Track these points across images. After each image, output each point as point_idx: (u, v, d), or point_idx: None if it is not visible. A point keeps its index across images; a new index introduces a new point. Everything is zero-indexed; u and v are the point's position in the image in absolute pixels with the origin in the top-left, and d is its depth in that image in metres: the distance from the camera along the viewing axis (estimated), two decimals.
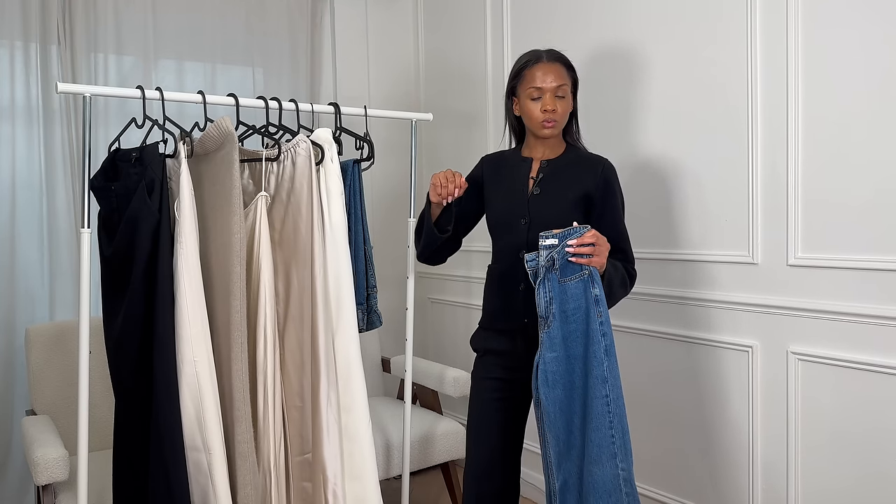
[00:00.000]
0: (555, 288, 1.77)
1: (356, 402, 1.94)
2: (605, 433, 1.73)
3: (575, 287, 1.75)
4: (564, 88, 1.90)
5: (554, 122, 1.90)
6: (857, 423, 1.97)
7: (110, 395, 1.88)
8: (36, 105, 2.77)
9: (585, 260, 1.74)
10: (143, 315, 1.73)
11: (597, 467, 1.73)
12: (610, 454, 1.73)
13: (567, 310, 1.76)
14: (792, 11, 2.03)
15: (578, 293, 1.75)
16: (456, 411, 3.32)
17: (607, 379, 1.73)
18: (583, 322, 1.75)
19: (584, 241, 1.74)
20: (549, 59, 1.92)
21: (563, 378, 1.77)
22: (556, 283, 1.77)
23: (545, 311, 1.78)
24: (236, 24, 3.17)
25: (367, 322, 2.18)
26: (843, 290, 1.97)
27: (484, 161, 2.10)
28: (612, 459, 1.73)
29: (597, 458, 1.73)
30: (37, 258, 2.80)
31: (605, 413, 1.73)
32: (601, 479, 1.73)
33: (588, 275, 1.75)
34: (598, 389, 1.73)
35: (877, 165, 1.89)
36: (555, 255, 1.75)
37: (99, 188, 1.79)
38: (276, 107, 1.94)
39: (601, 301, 1.75)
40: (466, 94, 3.28)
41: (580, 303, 1.75)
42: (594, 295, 1.75)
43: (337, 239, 1.92)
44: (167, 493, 1.69)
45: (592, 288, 1.75)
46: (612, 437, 1.73)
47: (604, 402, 1.73)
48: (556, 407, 1.78)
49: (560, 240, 1.76)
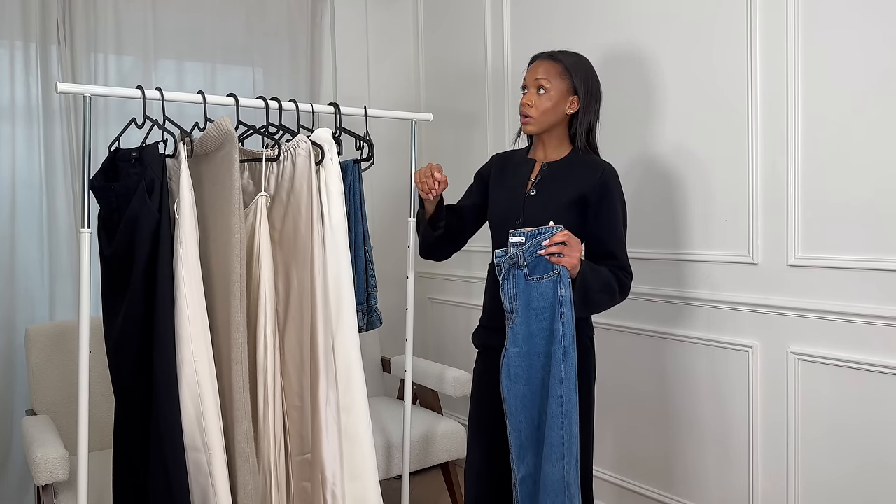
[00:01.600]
0: (520, 284, 1.80)
1: (356, 403, 1.94)
2: (556, 433, 1.76)
3: (545, 286, 1.78)
4: (546, 84, 1.89)
5: (528, 118, 1.91)
6: (856, 423, 1.97)
7: (110, 395, 1.88)
8: (36, 105, 2.77)
9: (555, 259, 1.76)
10: (143, 315, 1.73)
11: (548, 465, 1.77)
12: (559, 454, 1.76)
13: (535, 307, 1.79)
14: (792, 11, 2.03)
15: (547, 292, 1.78)
16: (456, 411, 3.32)
17: (563, 380, 1.76)
18: (549, 320, 1.78)
19: (555, 240, 1.76)
20: (546, 56, 1.95)
21: (525, 373, 1.81)
22: (523, 279, 1.80)
23: (510, 306, 1.82)
24: (236, 24, 3.17)
25: (367, 322, 2.18)
26: (843, 290, 1.97)
27: (494, 158, 2.12)
28: (560, 460, 1.76)
29: (548, 456, 1.77)
30: (37, 258, 2.80)
31: (558, 413, 1.76)
32: (551, 477, 1.77)
33: (557, 275, 1.77)
34: (555, 389, 1.77)
35: (877, 165, 1.89)
36: (519, 253, 1.79)
37: (99, 188, 1.79)
38: (276, 107, 1.94)
39: (566, 302, 1.77)
40: (466, 94, 3.28)
41: (548, 301, 1.78)
42: (560, 295, 1.77)
43: (337, 239, 1.92)
44: (167, 493, 1.69)
45: (560, 288, 1.77)
46: (561, 437, 1.76)
47: (558, 401, 1.76)
48: (517, 401, 1.82)
49: (528, 238, 1.79)
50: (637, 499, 2.58)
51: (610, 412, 2.62)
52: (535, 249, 1.78)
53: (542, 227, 1.79)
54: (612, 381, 2.59)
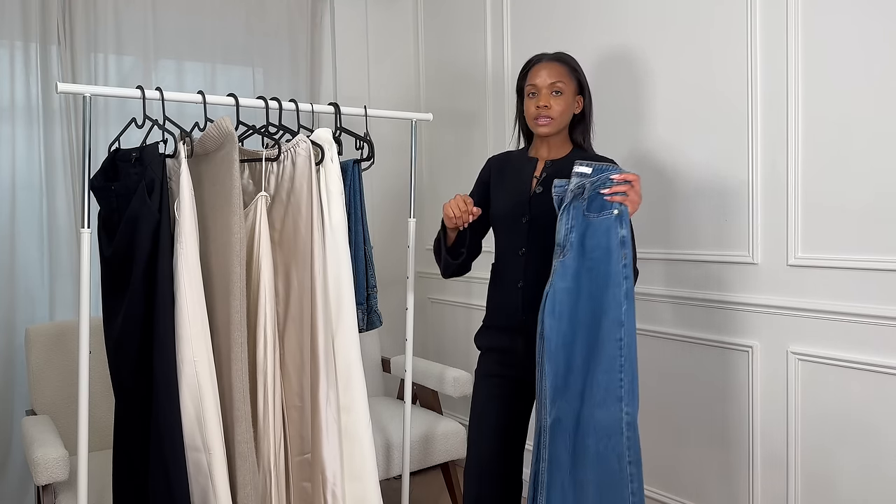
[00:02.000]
0: (578, 217, 1.70)
1: (356, 403, 1.94)
2: (614, 376, 1.67)
3: (601, 224, 1.68)
4: (561, 86, 1.90)
5: (548, 120, 1.90)
6: (857, 423, 1.97)
7: (110, 395, 1.88)
8: (36, 105, 2.77)
9: (620, 198, 1.68)
10: (143, 315, 1.73)
11: (601, 409, 1.68)
12: (616, 397, 1.68)
13: (588, 245, 1.69)
14: (792, 11, 2.03)
15: (602, 231, 1.68)
16: (456, 411, 3.32)
17: (623, 322, 1.67)
18: (603, 261, 1.68)
19: (627, 177, 1.69)
20: (549, 59, 1.95)
21: (570, 312, 1.71)
22: (581, 213, 1.70)
23: (563, 239, 1.71)
24: (236, 24, 3.17)
25: (367, 322, 2.18)
26: (843, 290, 1.97)
27: (490, 161, 2.11)
28: (617, 403, 1.68)
29: (602, 400, 1.68)
30: (37, 258, 2.80)
31: (616, 356, 1.67)
32: (604, 420, 1.68)
33: (618, 214, 1.67)
34: (613, 332, 1.67)
35: (877, 165, 1.89)
36: (586, 184, 1.69)
37: (99, 188, 1.79)
38: (276, 107, 1.94)
39: (627, 243, 1.67)
40: (466, 94, 3.28)
41: (602, 241, 1.68)
42: (620, 235, 1.67)
43: (337, 239, 1.92)
44: (167, 493, 1.69)
45: (620, 228, 1.67)
46: (620, 380, 1.68)
47: (617, 345, 1.67)
48: (559, 340, 1.72)
49: (595, 171, 1.70)
50: None
51: None
52: (602, 183, 1.68)
53: (607, 164, 1.70)
54: None
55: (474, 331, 2.09)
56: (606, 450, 1.69)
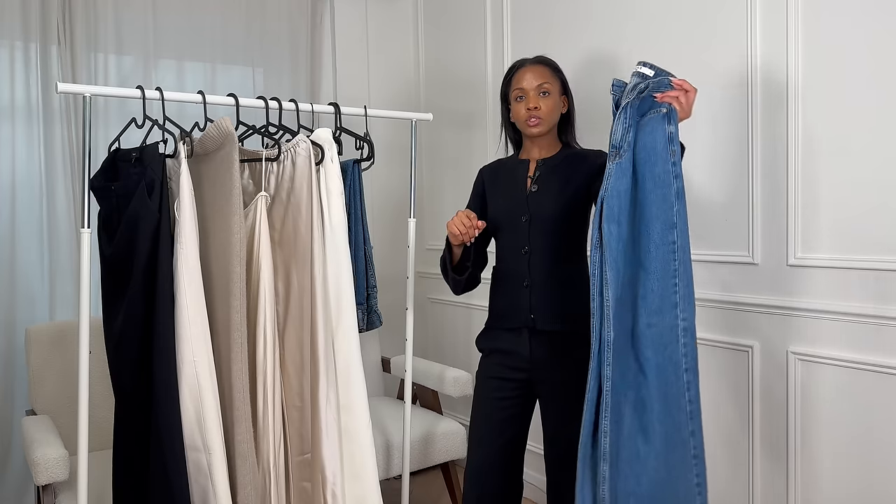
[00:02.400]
0: (635, 117, 1.62)
1: (356, 403, 1.94)
2: (668, 282, 1.58)
3: (648, 123, 1.61)
4: (547, 87, 1.95)
5: (538, 120, 1.94)
6: (857, 423, 1.97)
7: (110, 395, 1.88)
8: (36, 105, 2.77)
9: (671, 99, 1.61)
10: (143, 315, 1.73)
11: (657, 317, 1.60)
12: (671, 304, 1.59)
13: (642, 145, 1.60)
14: (792, 10, 2.03)
15: (650, 130, 1.60)
16: (456, 411, 3.32)
17: (676, 224, 1.57)
18: (651, 161, 1.59)
19: (685, 84, 1.63)
20: (532, 62, 2.00)
21: (628, 215, 1.61)
22: (637, 114, 1.62)
23: (620, 140, 1.62)
24: (236, 24, 3.17)
25: (367, 322, 2.18)
26: (843, 290, 1.97)
27: (482, 171, 2.13)
28: (672, 309, 1.59)
29: (658, 308, 1.59)
30: (37, 258, 2.80)
31: (670, 260, 1.57)
32: (662, 329, 1.60)
33: (665, 112, 1.59)
34: (666, 234, 1.57)
35: (877, 165, 1.89)
36: (645, 85, 1.61)
37: (99, 188, 1.80)
38: (276, 107, 1.94)
39: (675, 139, 1.58)
40: (466, 94, 3.28)
41: (649, 140, 1.59)
42: (669, 132, 1.58)
43: (337, 239, 1.92)
44: (167, 493, 1.69)
45: (668, 124, 1.58)
46: (675, 285, 1.58)
47: (670, 248, 1.58)
48: (619, 246, 1.61)
49: (656, 73, 1.63)
50: None
51: None
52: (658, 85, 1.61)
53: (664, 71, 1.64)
54: None
55: (474, 331, 2.09)
56: (664, 360, 1.60)
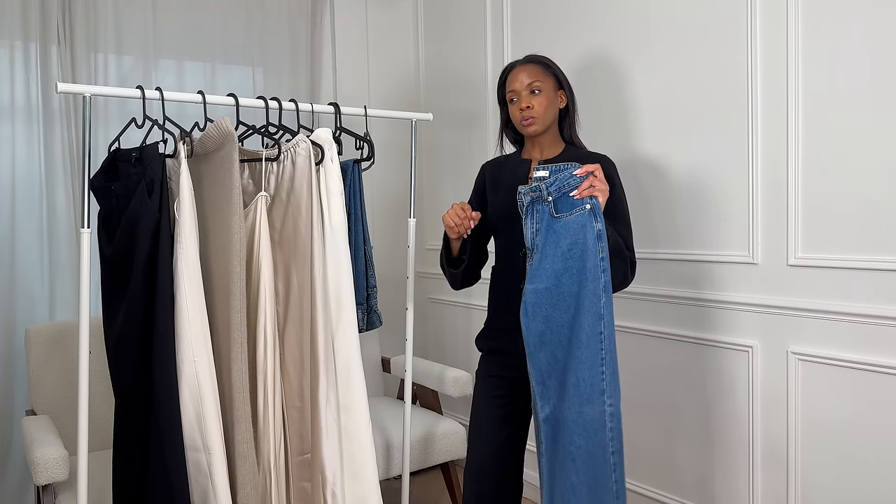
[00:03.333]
0: (543, 220, 1.72)
1: (356, 403, 1.94)
2: (596, 371, 1.69)
3: (574, 222, 1.69)
4: (539, 84, 1.93)
5: (532, 119, 1.92)
6: (857, 423, 1.97)
7: (110, 395, 1.88)
8: (36, 105, 2.77)
9: (588, 191, 1.68)
10: (143, 315, 1.73)
11: (588, 406, 1.70)
12: (599, 391, 1.70)
13: (563, 245, 1.70)
14: (792, 10, 2.03)
15: (577, 228, 1.68)
16: (456, 411, 3.32)
17: (603, 316, 1.68)
18: (579, 258, 1.68)
19: (588, 168, 1.69)
20: (522, 62, 1.99)
21: (545, 311, 1.73)
22: (547, 215, 1.71)
23: (531, 242, 1.74)
24: (236, 24, 3.17)
25: (367, 322, 2.18)
26: (843, 290, 1.97)
27: (485, 167, 2.13)
28: (601, 396, 1.70)
29: (588, 397, 1.70)
30: (37, 258, 2.80)
31: (598, 350, 1.69)
32: (591, 416, 1.70)
33: (590, 209, 1.67)
34: (594, 326, 1.68)
35: (877, 165, 1.89)
36: (542, 187, 1.71)
37: (99, 188, 1.79)
38: (276, 107, 1.94)
39: (603, 236, 1.68)
40: (466, 94, 3.28)
41: (578, 238, 1.68)
42: (597, 230, 1.67)
43: (337, 239, 1.92)
44: (167, 493, 1.69)
45: (595, 222, 1.67)
46: (602, 374, 1.70)
47: (598, 339, 1.69)
48: (536, 340, 1.75)
49: (552, 172, 1.71)
50: (637, 499, 2.58)
51: None
52: (562, 183, 1.69)
53: (566, 164, 1.71)
54: None
55: (474, 331, 2.09)
56: (594, 445, 1.71)
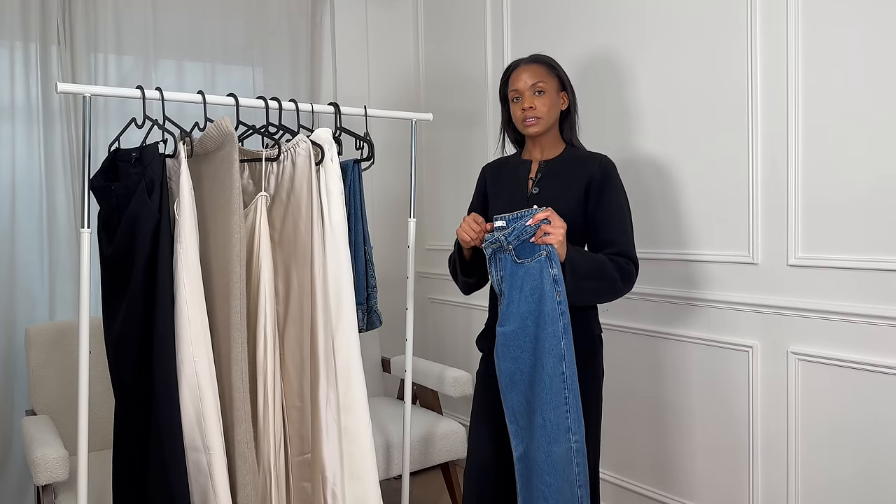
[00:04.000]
0: (507, 267, 1.82)
1: (356, 403, 1.94)
2: (560, 410, 1.77)
3: (533, 268, 1.78)
4: (542, 85, 1.93)
5: (535, 120, 1.93)
6: (856, 423, 1.97)
7: (110, 395, 1.88)
8: (36, 105, 2.77)
9: (542, 239, 1.76)
10: (143, 315, 1.73)
11: (556, 445, 1.77)
12: (565, 429, 1.77)
13: (524, 289, 1.79)
14: (792, 10, 2.03)
15: (535, 273, 1.78)
16: (456, 411, 3.32)
17: (563, 356, 1.76)
18: (537, 302, 1.77)
19: (538, 217, 1.77)
20: (526, 61, 1.99)
21: (513, 352, 1.82)
22: (510, 262, 1.81)
23: (498, 287, 1.85)
24: (236, 24, 3.17)
25: (367, 322, 2.18)
26: (843, 290, 1.97)
27: (485, 169, 2.13)
28: (566, 434, 1.77)
29: (555, 436, 1.77)
30: (37, 258, 2.80)
31: (561, 390, 1.76)
32: (558, 455, 1.77)
33: (545, 255, 1.76)
34: (556, 367, 1.76)
35: (877, 165, 1.89)
36: (502, 238, 1.79)
37: (99, 188, 1.79)
38: (276, 107, 1.94)
39: (559, 281, 1.76)
40: (467, 94, 3.28)
41: (537, 283, 1.78)
42: (552, 275, 1.76)
43: (337, 239, 1.92)
44: (167, 493, 1.69)
45: (550, 268, 1.76)
46: (566, 412, 1.77)
47: (560, 378, 1.76)
48: (507, 379, 1.84)
49: (510, 223, 1.80)
50: (637, 499, 2.58)
51: (610, 412, 2.60)
52: (520, 232, 1.78)
53: (524, 210, 1.80)
54: (612, 381, 2.58)
55: (474, 331, 2.09)
56: (562, 482, 1.79)
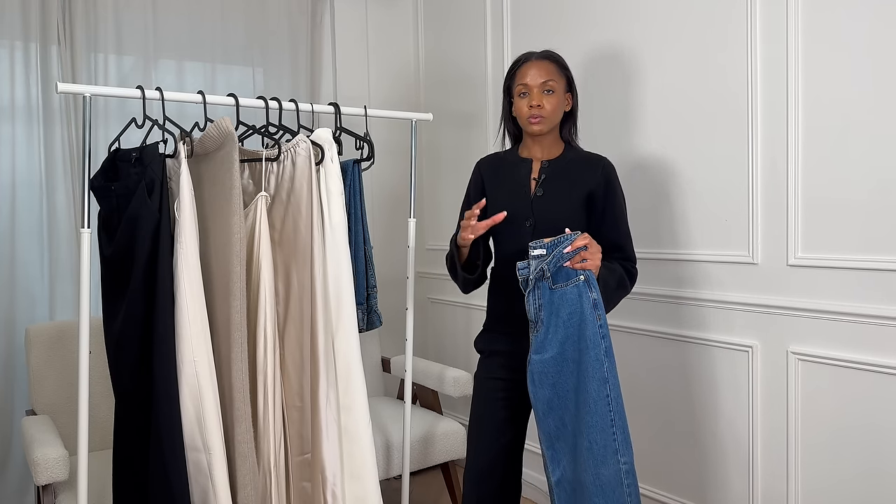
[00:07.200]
0: (545, 295, 1.79)
1: (356, 403, 1.94)
2: (607, 433, 1.75)
3: (570, 292, 1.76)
4: (552, 84, 1.91)
5: (540, 118, 1.90)
6: (856, 423, 1.97)
7: (110, 395, 1.89)
8: (36, 105, 2.77)
9: (580, 265, 1.75)
10: (143, 315, 1.73)
11: (603, 468, 1.75)
12: (612, 451, 1.76)
13: (562, 315, 1.77)
14: (792, 11, 2.03)
15: (573, 298, 1.76)
16: (456, 411, 3.32)
17: (608, 380, 1.75)
18: (577, 327, 1.76)
19: (577, 244, 1.75)
20: (538, 57, 1.95)
21: (552, 379, 1.80)
22: (547, 289, 1.78)
23: (535, 316, 1.81)
24: (236, 24, 3.17)
25: (367, 322, 2.18)
26: (843, 290, 1.97)
27: (480, 164, 2.09)
28: (614, 456, 1.76)
29: (602, 458, 1.75)
30: (37, 258, 2.80)
31: (607, 413, 1.75)
32: (607, 477, 1.75)
33: (584, 280, 1.76)
34: (600, 390, 1.75)
35: (877, 165, 1.89)
36: (544, 267, 1.77)
37: (99, 188, 1.80)
38: (276, 107, 1.94)
39: (599, 305, 1.76)
40: (466, 94, 3.28)
41: (575, 308, 1.76)
42: (592, 299, 1.75)
43: (337, 239, 1.92)
44: (167, 493, 1.69)
45: (590, 292, 1.76)
46: (613, 434, 1.76)
47: (605, 402, 1.75)
48: (544, 406, 1.81)
49: (549, 250, 1.77)
50: None
51: None
52: (558, 259, 1.76)
53: (560, 237, 1.77)
54: None
55: (474, 331, 2.09)
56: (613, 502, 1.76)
